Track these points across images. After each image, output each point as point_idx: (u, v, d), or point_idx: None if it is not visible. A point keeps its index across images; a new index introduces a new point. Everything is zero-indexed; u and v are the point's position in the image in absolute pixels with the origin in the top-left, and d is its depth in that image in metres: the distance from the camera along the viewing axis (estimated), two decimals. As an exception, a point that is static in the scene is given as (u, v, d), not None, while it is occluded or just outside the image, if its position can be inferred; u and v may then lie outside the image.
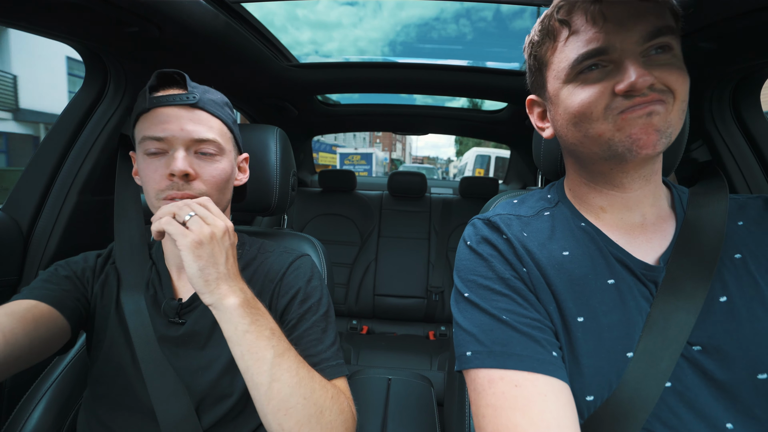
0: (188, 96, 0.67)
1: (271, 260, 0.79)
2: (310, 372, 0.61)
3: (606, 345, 0.50)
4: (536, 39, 0.57)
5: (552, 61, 0.55)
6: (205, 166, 0.68)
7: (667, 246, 0.55)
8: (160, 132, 0.65)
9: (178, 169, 0.64)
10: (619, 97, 0.48)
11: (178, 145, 0.66)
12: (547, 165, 0.83)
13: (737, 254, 0.53)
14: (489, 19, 47.95)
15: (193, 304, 0.73)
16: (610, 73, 0.50)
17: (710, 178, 0.63)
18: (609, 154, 0.52)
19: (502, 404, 0.47)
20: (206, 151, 0.69)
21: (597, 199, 0.59)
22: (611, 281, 0.53)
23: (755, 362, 0.47)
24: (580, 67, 0.51)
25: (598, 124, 0.50)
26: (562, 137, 0.59)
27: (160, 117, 0.66)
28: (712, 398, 0.48)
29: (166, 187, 0.65)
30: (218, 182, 0.70)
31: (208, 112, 0.70)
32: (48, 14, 0.76)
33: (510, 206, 0.66)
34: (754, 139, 0.90)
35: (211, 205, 0.61)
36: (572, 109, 0.52)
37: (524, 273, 0.56)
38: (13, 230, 0.93)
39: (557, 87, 0.55)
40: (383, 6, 78.32)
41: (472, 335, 0.53)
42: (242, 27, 1.09)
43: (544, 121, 0.64)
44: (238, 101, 1.71)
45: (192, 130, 0.66)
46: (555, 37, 0.54)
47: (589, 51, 0.50)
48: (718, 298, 0.50)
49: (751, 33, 0.70)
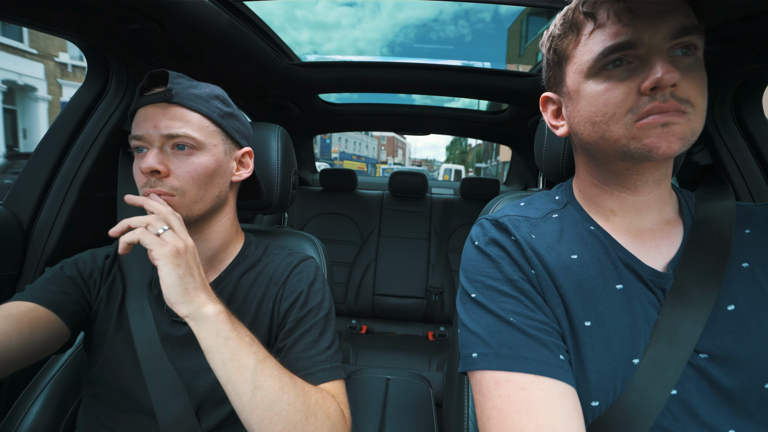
0: (165, 93, 0.67)
1: (276, 263, 0.79)
2: (292, 378, 0.61)
3: (612, 350, 0.50)
4: (557, 32, 0.56)
5: (574, 54, 0.54)
6: (181, 161, 0.67)
7: (676, 252, 0.55)
8: (138, 130, 0.67)
9: (145, 165, 0.65)
10: (645, 98, 0.47)
11: (153, 141, 0.66)
12: (549, 167, 0.82)
13: (745, 263, 0.52)
14: (488, 21, 47.91)
15: None
16: (635, 71, 0.48)
17: (714, 183, 0.63)
18: (625, 157, 0.51)
19: (507, 407, 0.47)
20: (182, 145, 0.67)
21: (608, 201, 0.59)
22: (619, 286, 0.53)
23: (762, 371, 0.47)
24: (605, 60, 0.49)
25: (617, 127, 0.50)
26: (577, 135, 0.58)
27: (141, 116, 0.68)
28: (716, 406, 0.47)
29: (144, 184, 0.67)
30: (195, 178, 0.68)
31: (186, 107, 0.68)
32: (51, 11, 0.76)
33: (517, 208, 0.65)
34: (755, 143, 0.90)
35: (176, 223, 0.61)
36: (594, 106, 0.51)
37: (532, 275, 0.55)
38: (14, 225, 0.93)
39: (578, 81, 0.54)
40: (381, 7, 78.44)
41: (478, 336, 0.53)
42: (245, 25, 1.09)
43: (558, 119, 0.63)
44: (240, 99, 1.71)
45: (164, 126, 0.66)
46: (579, 30, 0.53)
47: (616, 44, 0.48)
48: (725, 307, 0.50)
49: (753, 36, 0.70)
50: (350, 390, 1.18)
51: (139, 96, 0.69)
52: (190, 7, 0.86)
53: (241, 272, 0.77)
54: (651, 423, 0.47)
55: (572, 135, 0.60)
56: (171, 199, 0.67)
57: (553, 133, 0.77)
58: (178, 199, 0.67)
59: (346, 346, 1.91)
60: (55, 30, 0.83)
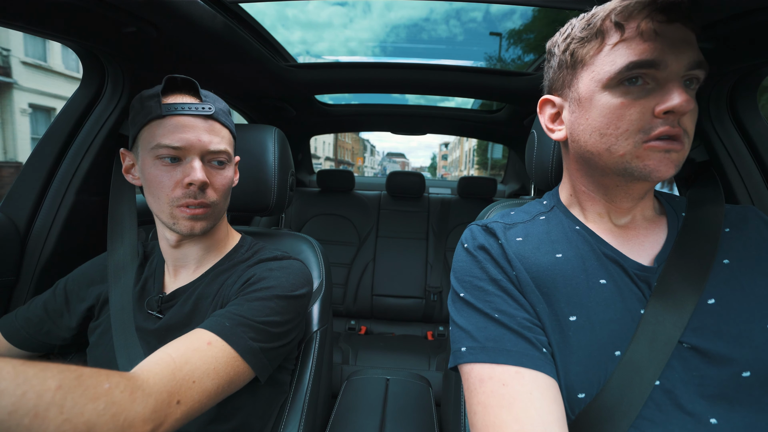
0: (204, 107, 0.69)
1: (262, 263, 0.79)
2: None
3: (598, 343, 0.52)
4: (579, 35, 0.56)
5: (593, 61, 0.54)
6: (216, 174, 0.71)
7: (661, 248, 0.58)
8: (177, 141, 0.66)
9: (198, 179, 0.66)
10: (657, 120, 0.50)
11: (194, 154, 0.67)
12: (539, 176, 0.84)
13: (725, 260, 0.56)
14: (479, 20, 47.54)
15: (174, 299, 0.74)
16: (650, 92, 0.50)
17: (707, 183, 0.65)
18: (623, 172, 0.54)
19: (491, 402, 0.50)
20: (219, 160, 0.71)
21: (594, 206, 0.62)
22: (603, 281, 0.55)
23: (740, 361, 0.49)
24: (627, 75, 0.50)
25: (626, 143, 0.52)
26: (577, 142, 0.58)
27: (176, 125, 0.67)
28: (697, 395, 0.49)
29: (182, 195, 0.67)
30: (225, 189, 0.73)
31: (220, 123, 0.72)
32: (46, 14, 0.76)
33: (507, 216, 0.69)
34: (751, 139, 0.90)
35: None
36: (607, 118, 0.52)
37: (513, 276, 0.58)
38: (10, 230, 0.92)
39: (593, 89, 0.54)
40: (372, 6, 78.45)
41: (467, 332, 0.56)
42: (240, 27, 1.09)
43: (556, 123, 0.64)
44: (236, 101, 1.71)
45: (208, 141, 0.68)
46: (603, 38, 0.53)
47: (642, 61, 0.49)
48: (706, 300, 0.53)
49: (748, 33, 0.70)
50: (350, 390, 1.18)
51: (163, 102, 0.67)
52: (185, 10, 0.86)
53: (221, 271, 0.77)
54: (635, 414, 0.49)
55: (570, 141, 0.61)
56: (207, 211, 0.70)
57: (543, 144, 0.79)
58: (212, 211, 0.71)
59: (346, 347, 1.91)
60: (51, 34, 0.83)
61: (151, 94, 0.69)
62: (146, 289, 0.78)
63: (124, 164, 0.75)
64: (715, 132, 0.92)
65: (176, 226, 0.69)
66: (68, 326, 0.79)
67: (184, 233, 0.69)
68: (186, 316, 0.72)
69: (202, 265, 0.78)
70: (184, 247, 0.76)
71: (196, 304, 0.73)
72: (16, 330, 0.78)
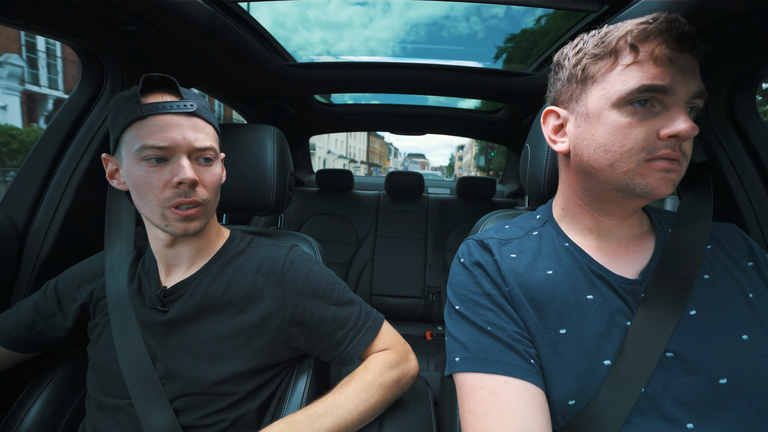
0: (186, 104, 0.67)
1: (261, 253, 0.80)
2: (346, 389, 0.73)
3: (587, 354, 0.55)
4: (593, 51, 0.56)
5: (604, 79, 0.55)
6: (205, 171, 0.70)
7: (647, 262, 0.61)
8: (162, 141, 0.64)
9: (188, 178, 0.65)
10: (661, 142, 0.52)
11: (181, 153, 0.66)
12: (532, 189, 0.85)
13: (706, 275, 0.59)
14: (500, 17, 47.00)
15: (176, 293, 0.74)
16: (656, 115, 0.52)
17: (700, 191, 0.66)
18: (623, 188, 0.56)
19: (480, 410, 0.54)
20: (206, 157, 0.70)
21: (587, 220, 0.64)
22: (590, 296, 0.59)
23: (718, 369, 0.52)
24: (638, 96, 0.52)
25: (630, 161, 0.53)
26: (580, 156, 0.59)
27: (160, 125, 0.65)
28: (677, 401, 0.52)
29: (173, 195, 0.66)
30: (215, 186, 0.73)
31: (204, 119, 0.70)
32: (45, 13, 0.76)
33: (502, 231, 0.71)
34: (749, 140, 0.90)
35: None
36: (613, 135, 0.54)
37: (506, 291, 0.62)
38: (9, 229, 0.92)
39: (602, 106, 0.55)
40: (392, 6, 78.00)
41: (461, 343, 0.60)
42: (239, 26, 1.09)
43: (559, 135, 0.64)
44: (235, 101, 1.71)
45: (194, 139, 0.67)
46: (617, 57, 0.54)
47: (653, 85, 0.51)
48: (688, 312, 0.56)
49: (747, 35, 0.70)
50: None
51: (143, 102, 0.65)
52: (185, 9, 0.86)
53: (223, 264, 0.78)
54: (623, 420, 0.52)
55: (573, 155, 0.61)
56: (199, 210, 0.69)
57: (535, 159, 0.81)
58: (204, 210, 0.70)
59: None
60: (50, 33, 0.83)
61: (129, 95, 0.66)
62: (143, 286, 0.78)
63: (108, 170, 0.72)
64: (714, 133, 0.93)
65: (169, 227, 0.68)
66: (63, 326, 0.80)
67: (178, 234, 0.69)
68: (193, 310, 0.72)
69: (195, 263, 0.78)
70: (177, 246, 0.76)
71: (204, 297, 0.73)
72: (5, 332, 0.78)
